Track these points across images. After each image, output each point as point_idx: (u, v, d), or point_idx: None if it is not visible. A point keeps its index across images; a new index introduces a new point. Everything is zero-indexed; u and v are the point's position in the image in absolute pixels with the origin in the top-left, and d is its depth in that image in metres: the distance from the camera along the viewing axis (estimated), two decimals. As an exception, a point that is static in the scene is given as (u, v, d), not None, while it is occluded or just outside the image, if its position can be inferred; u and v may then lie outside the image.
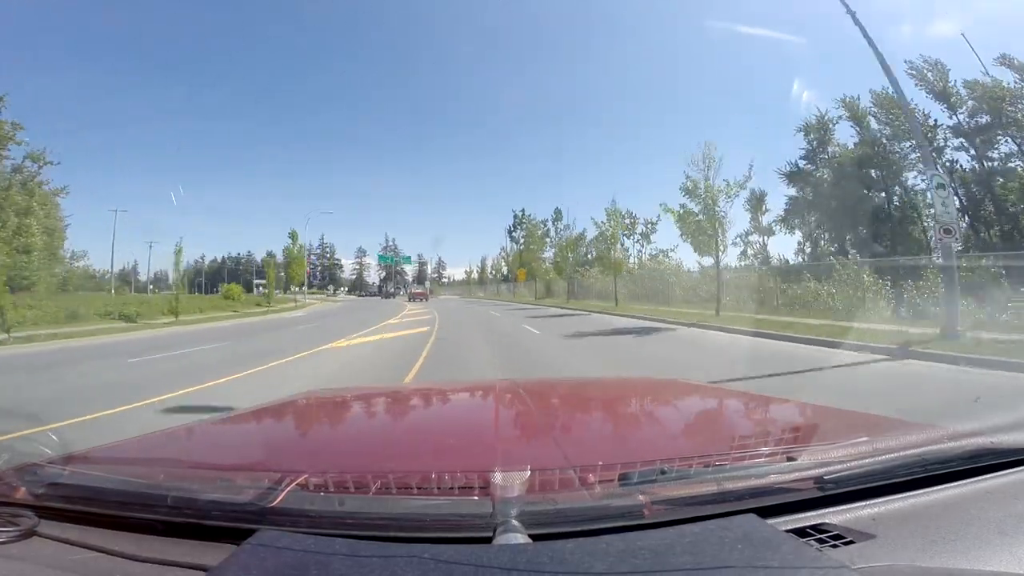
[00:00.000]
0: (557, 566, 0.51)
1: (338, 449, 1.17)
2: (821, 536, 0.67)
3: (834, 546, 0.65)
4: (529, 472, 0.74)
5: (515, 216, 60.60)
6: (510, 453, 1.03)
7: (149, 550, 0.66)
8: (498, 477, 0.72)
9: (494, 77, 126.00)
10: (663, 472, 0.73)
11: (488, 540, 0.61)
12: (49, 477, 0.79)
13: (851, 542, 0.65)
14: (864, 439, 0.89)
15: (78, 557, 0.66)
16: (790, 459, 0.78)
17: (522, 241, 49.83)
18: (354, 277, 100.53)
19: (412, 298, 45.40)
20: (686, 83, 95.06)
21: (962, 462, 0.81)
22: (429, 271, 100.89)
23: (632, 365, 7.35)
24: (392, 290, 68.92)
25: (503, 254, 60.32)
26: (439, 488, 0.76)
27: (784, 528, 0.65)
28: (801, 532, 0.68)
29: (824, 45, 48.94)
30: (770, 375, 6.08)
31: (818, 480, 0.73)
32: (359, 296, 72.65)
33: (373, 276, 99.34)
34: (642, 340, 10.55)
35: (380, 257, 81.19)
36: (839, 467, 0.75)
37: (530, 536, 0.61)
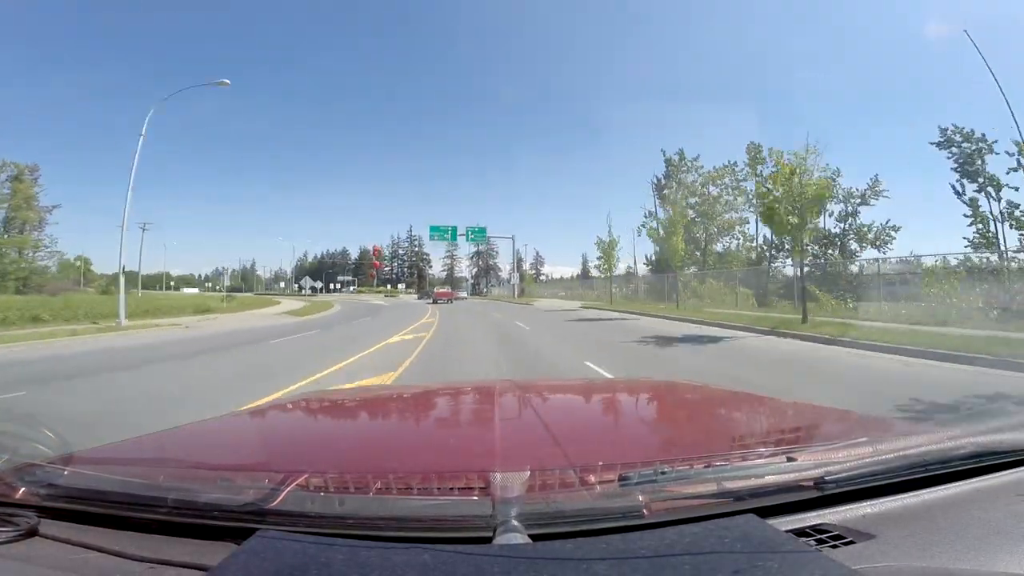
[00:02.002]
0: (557, 566, 0.51)
1: (338, 449, 1.17)
2: (821, 536, 0.67)
3: (834, 546, 0.65)
4: (529, 472, 0.74)
5: (667, 161, 33.77)
6: (510, 453, 1.03)
7: (150, 550, 0.66)
8: (498, 477, 0.72)
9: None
10: (663, 472, 0.73)
11: (488, 540, 0.61)
12: (49, 477, 0.79)
13: (851, 542, 0.65)
14: (864, 439, 0.89)
15: (79, 557, 0.66)
16: (790, 459, 0.78)
17: (683, 202, 27.21)
18: (445, 273, 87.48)
19: (435, 300, 39.16)
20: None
21: (962, 462, 0.81)
22: (526, 268, 74.96)
23: None
24: (431, 289, 52.30)
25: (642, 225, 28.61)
26: (439, 488, 0.76)
27: (784, 528, 0.65)
28: (801, 532, 0.68)
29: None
30: None
31: (818, 480, 0.73)
32: (420, 299, 49.08)
33: (464, 270, 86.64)
34: None
35: (432, 230, 49.06)
36: (839, 467, 0.75)
37: (530, 536, 0.61)
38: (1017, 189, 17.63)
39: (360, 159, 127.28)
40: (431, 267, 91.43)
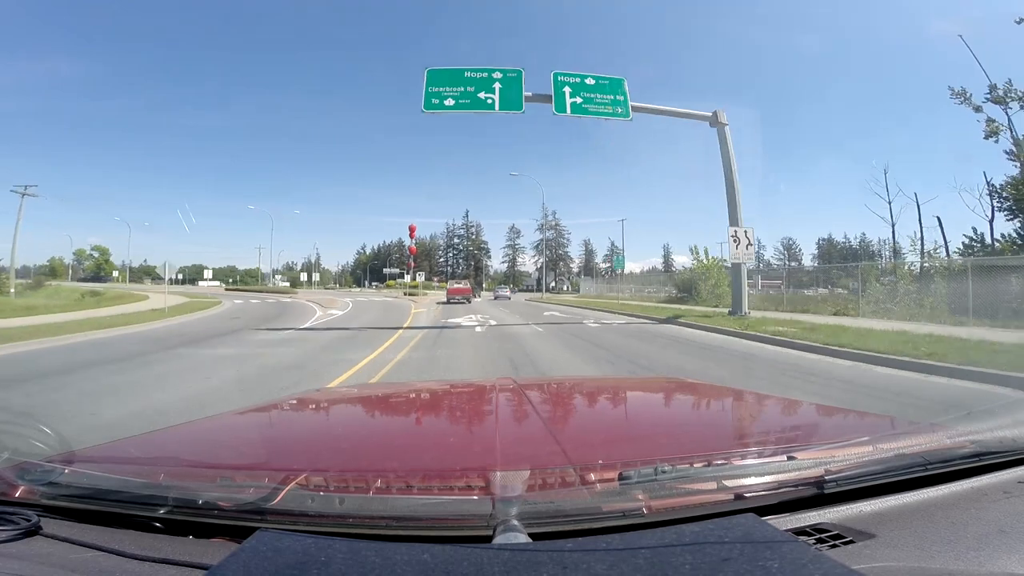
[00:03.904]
0: (557, 565, 0.51)
1: (338, 448, 1.17)
2: (821, 536, 0.67)
3: (834, 546, 0.65)
4: (529, 471, 0.74)
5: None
6: (510, 452, 1.03)
7: (150, 549, 0.66)
8: (498, 476, 0.72)
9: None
10: (663, 471, 0.73)
11: (488, 539, 0.61)
12: (49, 476, 0.79)
13: (851, 542, 0.65)
14: (864, 438, 0.89)
15: (79, 556, 0.66)
16: (790, 458, 0.78)
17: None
18: (506, 265, 75.36)
19: (449, 299, 27.09)
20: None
21: (962, 461, 0.81)
22: (597, 262, 68.98)
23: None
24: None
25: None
26: (439, 487, 0.76)
27: (784, 528, 0.65)
28: (801, 531, 0.68)
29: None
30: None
31: (818, 480, 0.73)
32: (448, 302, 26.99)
33: (529, 264, 73.25)
34: None
35: (432, 77, 13.13)
36: (839, 467, 0.75)
37: (530, 535, 0.61)
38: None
39: (416, 142, 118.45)
40: (490, 258, 78.44)
